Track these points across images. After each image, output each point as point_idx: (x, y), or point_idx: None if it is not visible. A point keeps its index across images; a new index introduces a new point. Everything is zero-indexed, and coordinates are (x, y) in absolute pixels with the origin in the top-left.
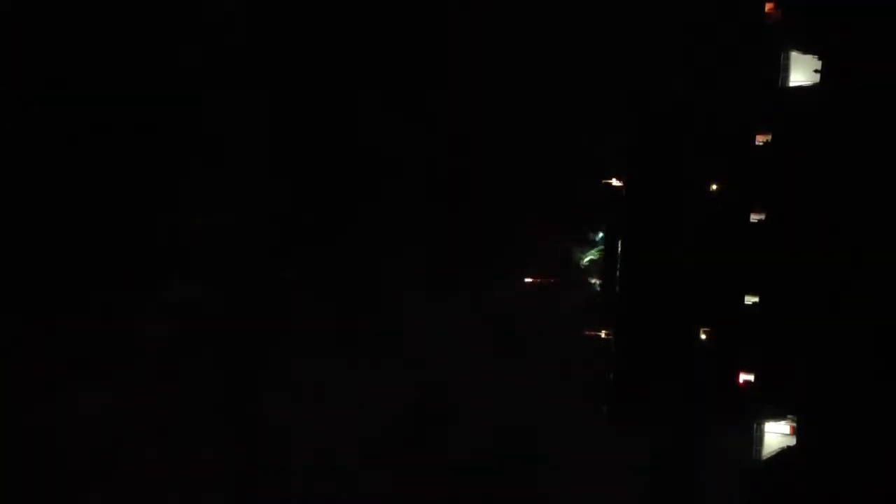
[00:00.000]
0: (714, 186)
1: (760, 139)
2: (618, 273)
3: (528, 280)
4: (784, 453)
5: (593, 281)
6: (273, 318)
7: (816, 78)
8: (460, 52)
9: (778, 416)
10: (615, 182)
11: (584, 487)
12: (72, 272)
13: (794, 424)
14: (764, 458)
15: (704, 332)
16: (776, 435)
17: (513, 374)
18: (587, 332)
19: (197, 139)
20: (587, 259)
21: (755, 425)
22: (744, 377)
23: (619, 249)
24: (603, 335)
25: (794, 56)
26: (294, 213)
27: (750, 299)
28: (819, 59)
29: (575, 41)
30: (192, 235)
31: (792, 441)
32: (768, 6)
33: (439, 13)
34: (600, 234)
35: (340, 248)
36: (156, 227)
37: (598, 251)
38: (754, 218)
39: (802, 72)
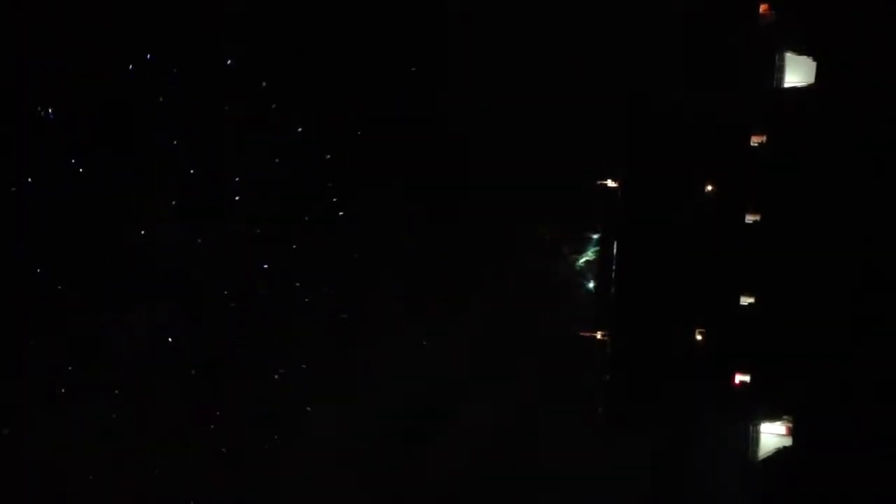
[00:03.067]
0: (709, 187)
1: (755, 140)
2: (613, 274)
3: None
4: (781, 453)
5: (589, 282)
6: (249, 333)
7: (811, 79)
8: (455, 50)
9: (774, 416)
10: (610, 183)
11: (583, 488)
12: (36, 292)
13: (791, 425)
14: (760, 458)
15: (700, 333)
16: (772, 435)
17: (509, 375)
18: (582, 334)
19: (167, 151)
20: (582, 260)
21: (751, 426)
22: (739, 378)
23: (615, 250)
24: (598, 336)
25: (789, 57)
26: (270, 224)
27: (746, 300)
28: (814, 59)
29: (571, 41)
30: (162, 253)
31: (788, 442)
32: (762, 7)
33: (436, 12)
34: (595, 235)
35: (323, 258)
36: (126, 244)
37: (594, 252)
38: (749, 219)
39: (797, 72)
